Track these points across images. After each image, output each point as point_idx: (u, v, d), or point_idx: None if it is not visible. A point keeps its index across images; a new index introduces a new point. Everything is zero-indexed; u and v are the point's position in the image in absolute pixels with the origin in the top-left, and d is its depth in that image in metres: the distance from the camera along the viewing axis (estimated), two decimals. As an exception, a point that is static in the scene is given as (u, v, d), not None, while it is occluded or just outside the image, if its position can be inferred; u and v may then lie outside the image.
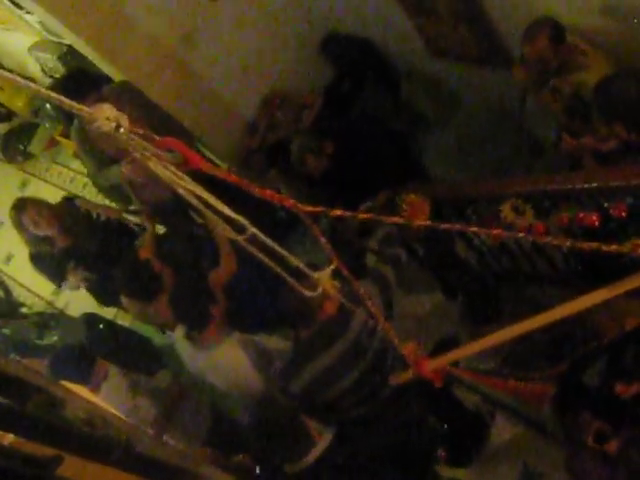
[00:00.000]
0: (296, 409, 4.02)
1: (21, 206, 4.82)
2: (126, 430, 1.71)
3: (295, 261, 2.19)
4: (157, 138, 1.55)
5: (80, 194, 6.52)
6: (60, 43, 5.95)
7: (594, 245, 2.86)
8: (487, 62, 5.22)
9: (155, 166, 1.61)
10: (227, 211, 1.79)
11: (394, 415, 3.99)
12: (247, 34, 5.50)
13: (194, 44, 5.22)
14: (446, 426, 4.54)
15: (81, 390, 4.02)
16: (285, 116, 5.56)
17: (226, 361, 4.14)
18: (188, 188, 1.67)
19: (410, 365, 2.86)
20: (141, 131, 1.55)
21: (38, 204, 4.85)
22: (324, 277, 2.39)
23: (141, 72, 5.10)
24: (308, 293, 2.36)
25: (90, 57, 5.26)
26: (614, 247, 2.64)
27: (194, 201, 1.76)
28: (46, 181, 6.97)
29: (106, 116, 1.47)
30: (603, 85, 3.94)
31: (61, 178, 6.86)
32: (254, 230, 1.88)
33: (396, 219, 3.35)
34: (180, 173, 1.60)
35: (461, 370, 3.56)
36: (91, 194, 6.33)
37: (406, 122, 5.88)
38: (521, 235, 3.73)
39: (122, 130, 1.48)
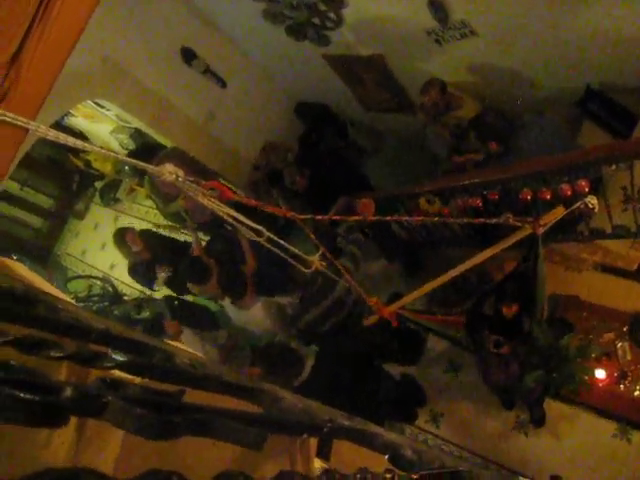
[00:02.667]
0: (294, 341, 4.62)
1: (121, 232, 5.47)
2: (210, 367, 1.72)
3: (295, 251, 2.95)
4: (203, 182, 2.46)
5: (153, 221, 7.27)
6: (130, 127, 6.59)
7: (481, 219, 3.57)
8: (400, 110, 6.02)
9: (202, 198, 2.22)
10: (249, 222, 2.43)
11: (364, 338, 4.43)
12: (248, 108, 6.17)
13: (214, 119, 5.89)
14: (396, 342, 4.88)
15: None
16: (276, 157, 6.11)
17: (257, 315, 4.72)
18: (224, 210, 2.30)
19: (375, 311, 3.90)
20: (192, 178, 2.50)
21: (131, 230, 5.44)
22: (315, 260, 3.28)
23: (183, 140, 5.76)
24: (307, 270, 3.19)
25: (150, 134, 5.92)
26: (494, 219, 3.46)
27: (228, 218, 2.35)
28: (130, 215, 7.79)
29: (169, 171, 1.98)
30: (477, 118, 4.58)
31: (140, 212, 7.70)
32: (268, 234, 2.55)
33: (355, 217, 4.26)
34: (218, 201, 2.28)
35: (407, 311, 4.43)
36: (159, 219, 7.02)
37: (354, 153, 6.45)
38: (434, 218, 4.24)
39: (180, 178, 2.00)
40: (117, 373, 1.14)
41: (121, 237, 5.43)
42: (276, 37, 5.43)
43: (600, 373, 4.39)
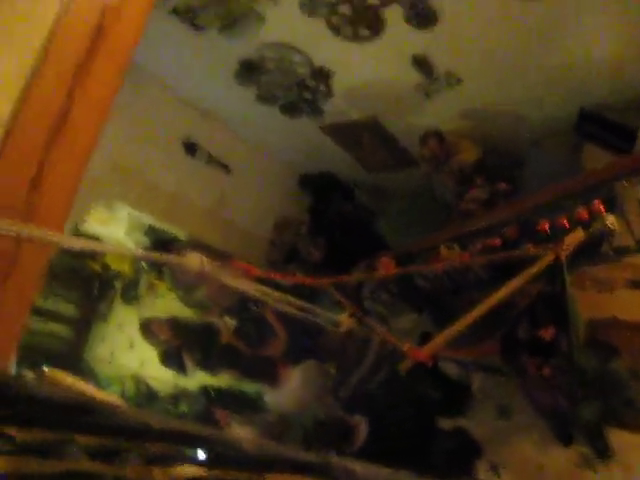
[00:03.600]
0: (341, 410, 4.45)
1: (147, 323, 5.55)
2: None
3: (323, 312, 3.02)
4: (226, 265, 2.50)
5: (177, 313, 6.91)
6: (142, 224, 6.36)
7: (501, 254, 3.53)
8: (401, 166, 6.12)
9: (231, 280, 2.44)
10: (278, 294, 2.55)
11: (405, 395, 4.40)
12: (254, 188, 6.26)
13: (223, 204, 5.99)
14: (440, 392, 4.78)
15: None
16: (290, 232, 6.19)
17: (297, 392, 4.65)
18: (252, 287, 2.39)
19: (409, 356, 3.68)
20: (219, 263, 2.52)
21: (156, 320, 5.55)
22: (344, 318, 3.33)
23: (196, 229, 5.84)
24: (338, 330, 3.19)
25: (164, 228, 5.96)
26: (516, 252, 3.43)
27: (257, 293, 2.41)
28: (153, 311, 7.24)
29: (194, 259, 2.05)
30: (480, 163, 4.75)
31: (162, 306, 7.17)
32: (298, 301, 2.68)
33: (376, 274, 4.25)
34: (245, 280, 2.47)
35: (442, 349, 3.97)
36: (182, 311, 6.60)
37: (363, 216, 6.49)
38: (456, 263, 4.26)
39: (207, 266, 2.07)
40: (187, 469, 1.11)
41: (147, 328, 5.48)
42: (272, 117, 5.62)
43: (659, 393, 4.20)
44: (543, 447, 4.53)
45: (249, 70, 5.10)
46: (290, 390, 4.68)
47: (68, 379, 2.21)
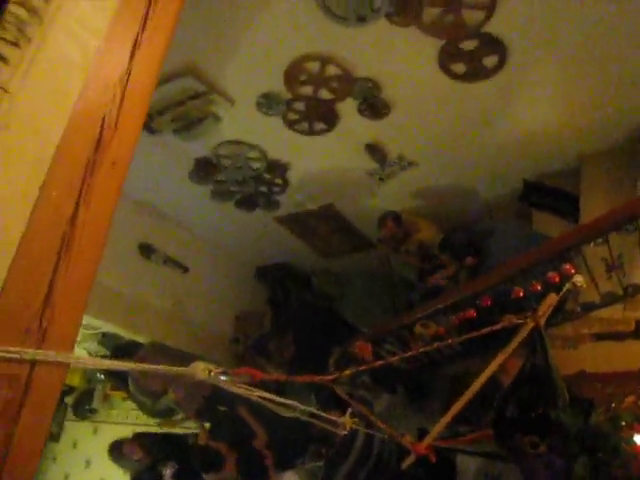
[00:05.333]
0: None
1: (116, 446, 5.21)
2: None
3: (327, 416, 2.62)
4: (232, 371, 2.38)
5: (135, 421, 6.82)
6: (97, 333, 6.26)
7: (485, 329, 3.53)
8: (358, 249, 6.24)
9: (230, 385, 2.46)
10: (281, 399, 2.21)
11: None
12: (213, 285, 6.22)
13: (182, 304, 5.84)
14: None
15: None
16: (252, 325, 6.17)
17: None
18: (256, 394, 2.09)
19: (410, 450, 3.60)
20: (221, 369, 2.41)
21: (127, 441, 5.22)
22: (347, 419, 3.28)
23: (157, 333, 5.60)
24: (343, 432, 3.21)
25: (121, 334, 5.70)
26: (498, 325, 3.43)
27: (260, 400, 2.14)
28: (110, 423, 7.30)
29: (201, 368, 1.84)
30: (446, 241, 4.74)
31: (120, 417, 7.14)
32: (302, 406, 2.37)
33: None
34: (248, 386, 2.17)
35: (440, 441, 3.80)
36: (142, 419, 6.61)
37: (323, 303, 6.53)
38: (435, 342, 3.78)
39: (212, 373, 1.84)
40: None
41: (118, 451, 5.17)
42: (227, 213, 5.64)
43: (639, 439, 4.28)
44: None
45: (204, 169, 5.12)
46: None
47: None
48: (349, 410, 3.06)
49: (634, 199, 3.63)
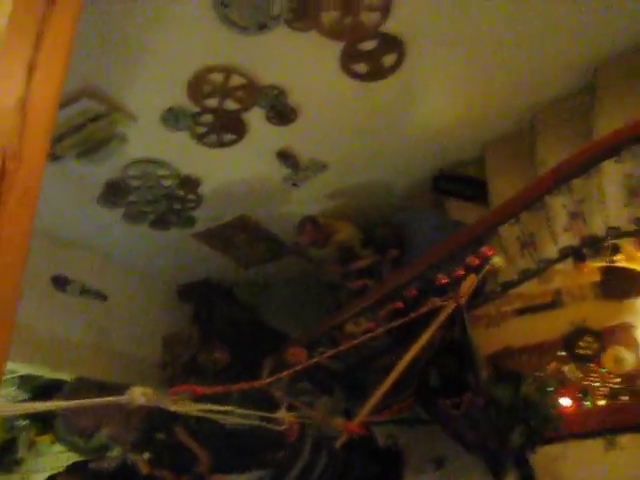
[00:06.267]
0: None
1: None
2: None
3: (264, 414, 2.91)
4: (170, 391, 2.31)
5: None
6: (13, 378, 5.95)
7: (411, 315, 3.58)
8: (278, 256, 6.19)
9: (171, 405, 2.12)
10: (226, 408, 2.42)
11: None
12: (135, 310, 5.95)
13: (105, 333, 5.53)
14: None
15: None
16: (181, 346, 5.97)
17: None
18: (201, 408, 2.22)
19: (344, 430, 3.72)
20: (173, 397, 2.32)
21: (62, 474, 4.81)
22: (284, 414, 3.25)
23: (81, 368, 5.28)
24: (281, 427, 3.09)
25: (41, 374, 5.41)
26: (423, 308, 3.49)
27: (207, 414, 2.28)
28: (39, 471, 6.73)
29: (139, 393, 1.88)
30: (367, 236, 4.94)
31: (50, 462, 6.59)
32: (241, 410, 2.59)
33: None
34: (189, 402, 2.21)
35: (369, 417, 4.02)
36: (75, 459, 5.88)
37: (248, 312, 6.51)
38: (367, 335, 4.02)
39: (152, 396, 1.90)
40: None
41: None
42: (143, 235, 5.46)
43: (565, 401, 4.52)
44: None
45: (114, 192, 4.91)
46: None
47: None
48: (284, 405, 3.10)
49: (539, 178, 3.81)
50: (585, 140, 4.01)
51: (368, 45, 3.82)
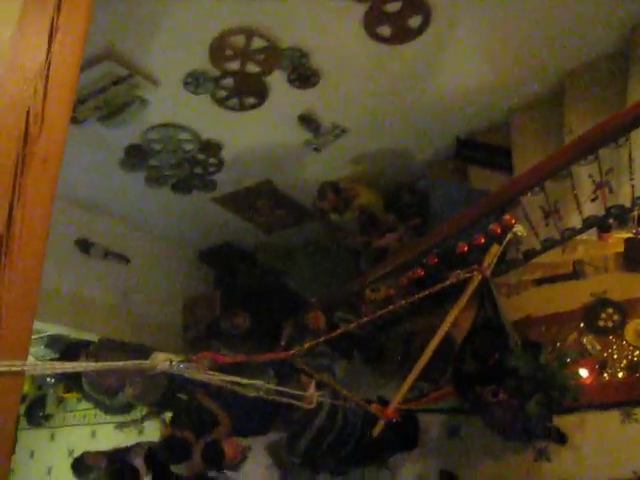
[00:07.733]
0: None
1: (80, 461, 4.88)
2: None
3: (295, 392, 2.81)
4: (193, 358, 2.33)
5: (94, 421, 6.70)
6: (42, 337, 6.01)
7: (436, 287, 3.54)
8: (300, 222, 6.15)
9: (198, 372, 2.10)
10: (247, 381, 2.32)
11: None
12: (157, 273, 6.04)
13: (128, 296, 5.69)
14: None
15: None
16: (202, 309, 6.04)
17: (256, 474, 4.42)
18: (222, 378, 2.18)
19: (379, 417, 3.75)
20: (182, 358, 2.31)
21: (90, 454, 4.94)
22: (313, 393, 3.23)
23: (105, 329, 5.46)
24: (309, 406, 2.94)
25: (68, 334, 5.53)
26: (447, 282, 3.44)
27: (227, 384, 2.22)
28: (67, 426, 7.08)
29: (162, 359, 1.88)
30: (393, 201, 4.89)
31: (76, 419, 6.95)
32: (268, 385, 2.42)
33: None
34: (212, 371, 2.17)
35: (405, 404, 4.12)
36: (100, 417, 6.53)
37: (272, 277, 6.40)
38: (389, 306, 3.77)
39: (174, 362, 1.91)
40: None
41: (82, 464, 4.84)
42: (164, 199, 5.51)
43: (583, 372, 4.49)
44: (500, 453, 4.61)
45: (135, 156, 4.94)
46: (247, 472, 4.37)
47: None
48: (313, 383, 3.10)
49: (564, 147, 3.72)
50: (617, 109, 3.83)
51: (392, 7, 3.72)
